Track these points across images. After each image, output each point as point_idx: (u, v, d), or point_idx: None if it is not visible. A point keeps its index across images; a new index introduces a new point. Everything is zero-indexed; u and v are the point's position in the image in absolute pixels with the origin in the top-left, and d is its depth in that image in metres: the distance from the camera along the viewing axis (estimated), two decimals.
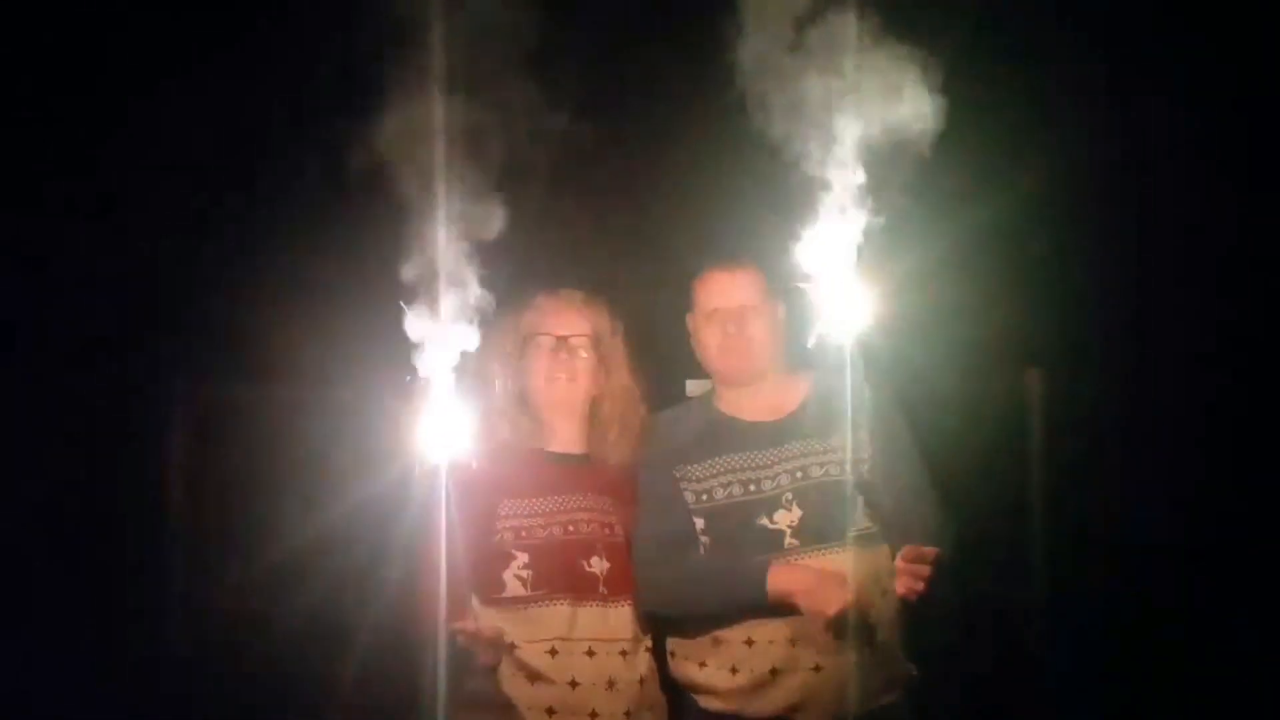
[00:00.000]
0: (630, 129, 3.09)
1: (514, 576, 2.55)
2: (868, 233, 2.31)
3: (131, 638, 2.97)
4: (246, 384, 3.10)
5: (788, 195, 2.35)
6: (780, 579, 2.45)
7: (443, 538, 2.32)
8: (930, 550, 2.34)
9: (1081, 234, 3.13)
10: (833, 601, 2.40)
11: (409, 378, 2.25)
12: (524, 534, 2.58)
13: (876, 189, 2.31)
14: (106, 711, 2.92)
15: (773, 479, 2.57)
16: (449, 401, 2.28)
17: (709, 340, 2.65)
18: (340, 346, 2.85)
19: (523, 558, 2.56)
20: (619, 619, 2.57)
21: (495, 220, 2.29)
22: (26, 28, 2.88)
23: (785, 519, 2.53)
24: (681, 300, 2.73)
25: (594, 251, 3.13)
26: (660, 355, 2.83)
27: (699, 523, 2.59)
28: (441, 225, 2.25)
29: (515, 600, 2.54)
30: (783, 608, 2.45)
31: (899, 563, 2.36)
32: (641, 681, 2.57)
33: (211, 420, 3.13)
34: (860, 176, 2.30)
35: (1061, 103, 3.04)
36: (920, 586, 2.33)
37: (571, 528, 2.60)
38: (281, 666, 2.98)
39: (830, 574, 2.44)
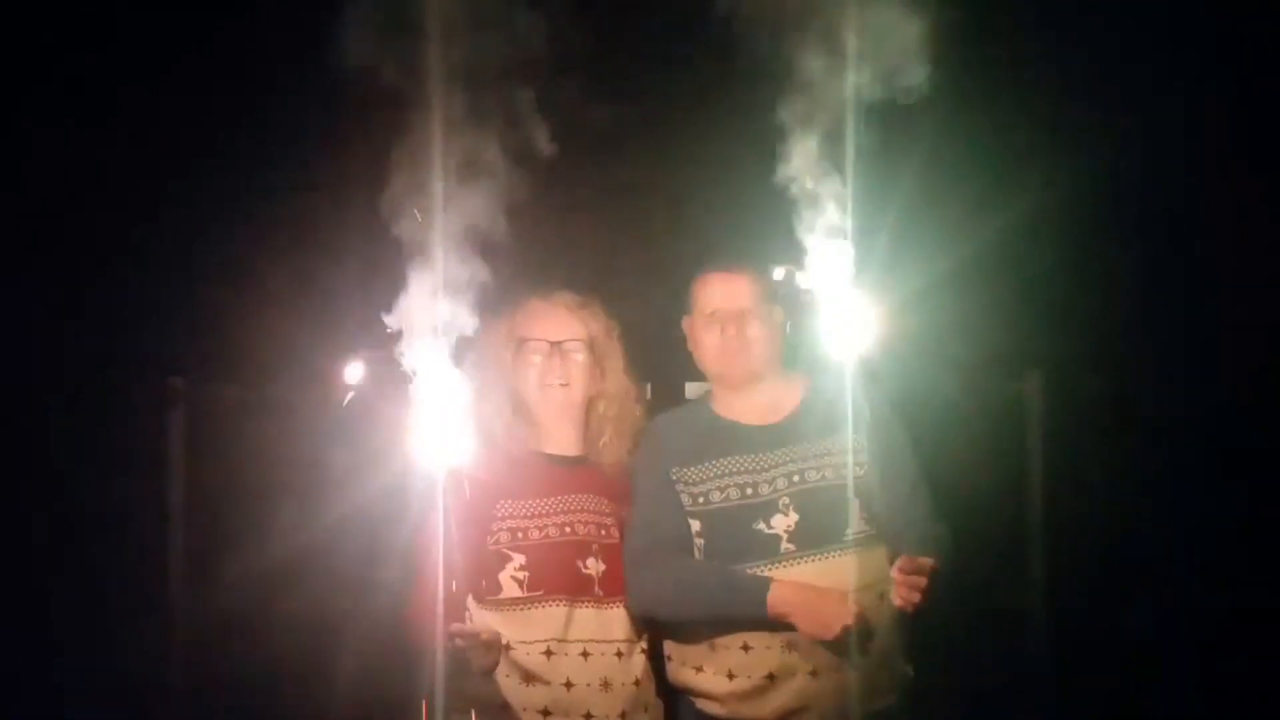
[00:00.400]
0: (628, 129, 3.07)
1: (510, 578, 2.55)
2: (866, 237, 2.31)
3: (128, 639, 2.97)
4: (241, 385, 3.10)
5: (786, 197, 2.33)
6: (781, 599, 2.44)
7: (440, 540, 2.31)
8: (927, 561, 2.33)
9: (1080, 241, 3.12)
10: (833, 625, 2.39)
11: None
12: (520, 535, 2.57)
13: (875, 193, 2.30)
14: (103, 714, 2.92)
15: (770, 483, 2.55)
16: (445, 404, 2.27)
17: (707, 343, 2.64)
18: (335, 349, 2.84)
19: (519, 559, 2.56)
20: (614, 620, 2.57)
21: (491, 222, 2.28)
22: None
23: (782, 523, 2.52)
24: (681, 302, 2.72)
25: (594, 253, 3.12)
26: (660, 358, 2.82)
27: (695, 525, 2.58)
28: (437, 227, 2.24)
29: (511, 601, 2.54)
30: (782, 624, 2.44)
31: (895, 573, 2.34)
32: (637, 683, 2.56)
33: (206, 421, 3.12)
34: (859, 179, 2.29)
35: (1061, 110, 3.03)
36: (917, 598, 2.32)
37: (568, 529, 2.60)
38: (278, 667, 2.99)
39: (831, 595, 2.43)
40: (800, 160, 2.31)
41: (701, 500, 2.58)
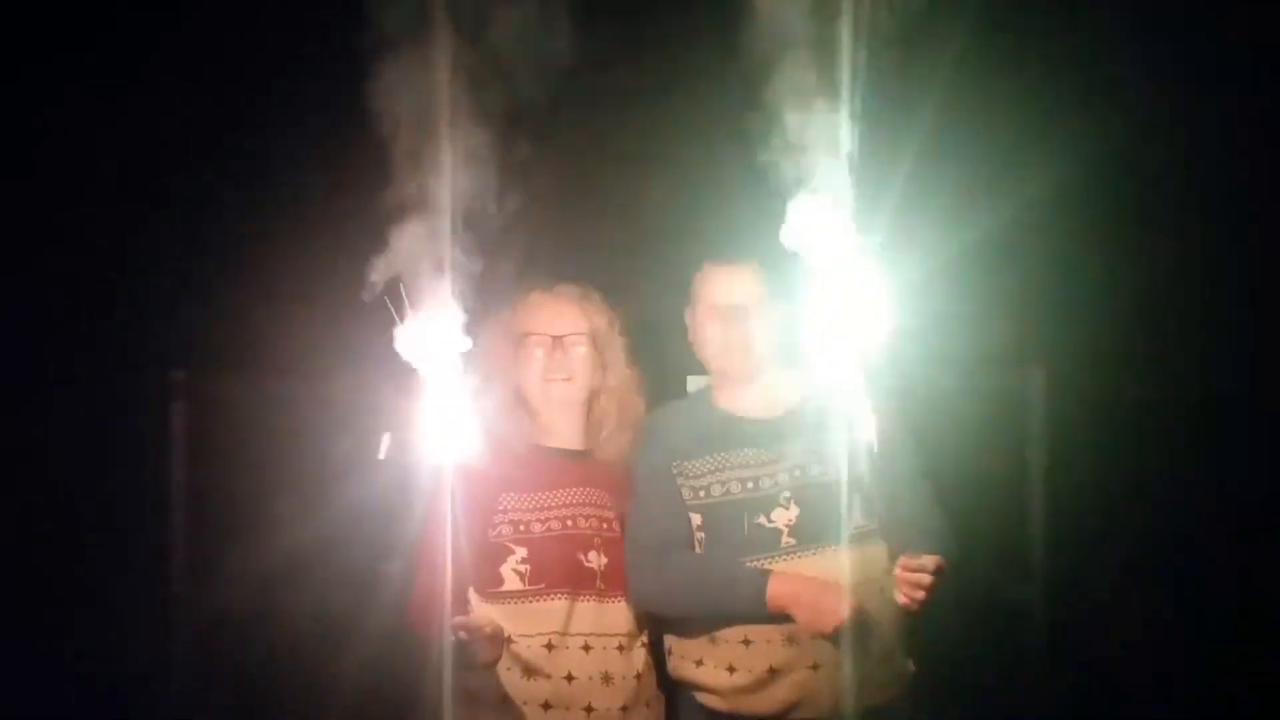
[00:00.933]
0: (629, 120, 3.07)
1: (512, 571, 2.55)
2: (869, 230, 2.30)
3: (129, 634, 2.97)
4: (242, 378, 3.10)
5: (790, 190, 2.33)
6: (780, 591, 2.44)
7: (447, 533, 2.31)
8: (931, 559, 2.32)
9: (1085, 236, 3.11)
10: (830, 618, 2.39)
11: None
12: (522, 528, 2.58)
13: (879, 188, 2.30)
14: (105, 711, 2.92)
15: (771, 477, 2.55)
16: (447, 397, 2.27)
17: (709, 336, 2.63)
18: (337, 341, 2.84)
19: (521, 552, 2.56)
20: (615, 614, 2.57)
21: (492, 215, 2.28)
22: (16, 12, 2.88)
23: (783, 517, 2.52)
24: (684, 295, 2.71)
25: (595, 246, 3.11)
26: (663, 352, 2.82)
27: (695, 519, 2.58)
28: (438, 219, 2.24)
29: (513, 595, 2.54)
30: (782, 618, 2.44)
31: (898, 571, 2.34)
32: (638, 676, 2.57)
33: (208, 415, 3.12)
34: (863, 174, 2.28)
35: (1063, 104, 3.02)
36: (920, 595, 2.32)
37: (570, 522, 2.60)
38: (279, 662, 2.99)
39: (830, 588, 2.42)
40: (804, 153, 2.31)
41: (702, 493, 2.58)
